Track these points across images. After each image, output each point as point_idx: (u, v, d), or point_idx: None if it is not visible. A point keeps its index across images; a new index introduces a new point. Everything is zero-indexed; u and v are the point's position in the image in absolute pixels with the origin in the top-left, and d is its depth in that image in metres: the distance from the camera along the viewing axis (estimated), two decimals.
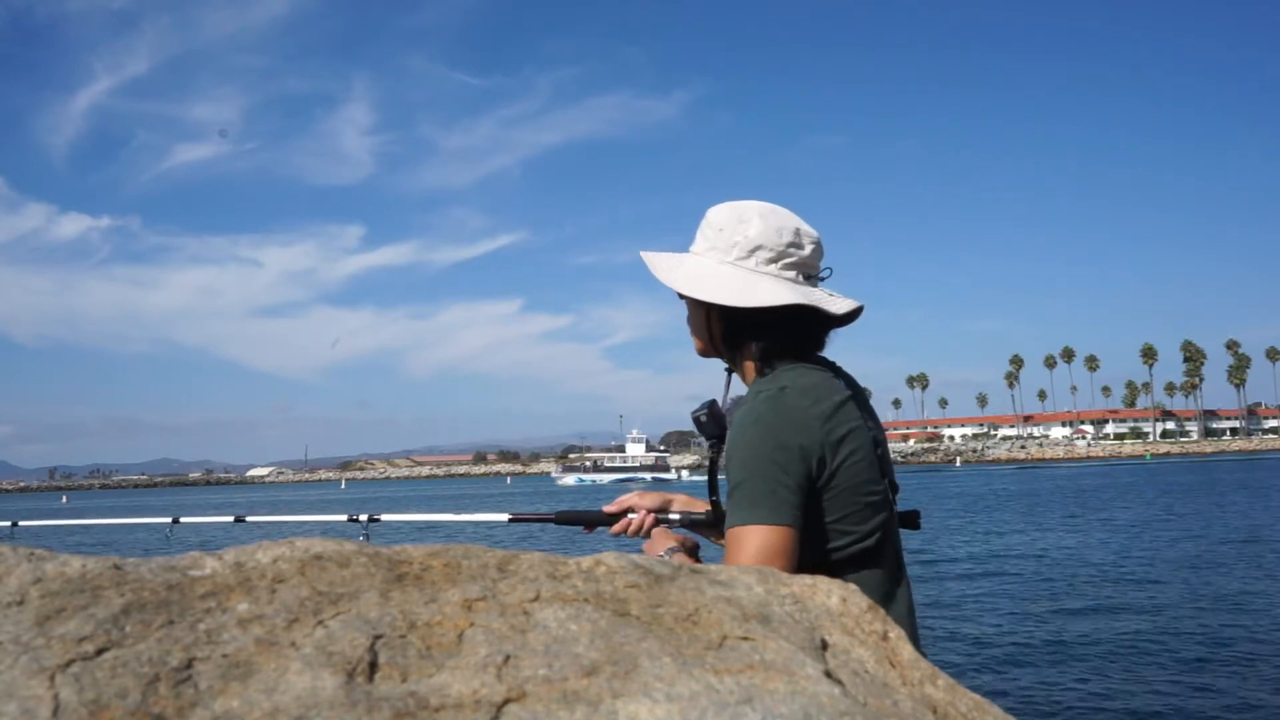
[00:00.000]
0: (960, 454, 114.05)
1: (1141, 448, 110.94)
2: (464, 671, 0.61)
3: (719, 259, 1.52)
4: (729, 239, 1.52)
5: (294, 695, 0.57)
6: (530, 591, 0.73)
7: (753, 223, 1.51)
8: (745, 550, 1.34)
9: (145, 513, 6.08)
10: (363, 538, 1.91)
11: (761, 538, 1.34)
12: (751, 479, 1.36)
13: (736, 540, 1.36)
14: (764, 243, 1.50)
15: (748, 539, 1.34)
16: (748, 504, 1.36)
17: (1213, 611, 10.49)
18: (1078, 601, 11.50)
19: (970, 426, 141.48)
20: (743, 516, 1.36)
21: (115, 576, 0.68)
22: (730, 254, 1.51)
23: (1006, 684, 7.66)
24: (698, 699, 0.60)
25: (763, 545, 1.34)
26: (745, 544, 1.34)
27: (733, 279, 1.50)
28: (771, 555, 1.34)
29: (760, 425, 1.38)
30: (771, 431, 1.38)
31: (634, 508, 1.73)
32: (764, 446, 1.37)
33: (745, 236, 1.51)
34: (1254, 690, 7.31)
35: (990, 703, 0.77)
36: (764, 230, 1.51)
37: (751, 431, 1.39)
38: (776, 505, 1.35)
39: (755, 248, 1.50)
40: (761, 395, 1.42)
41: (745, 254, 1.51)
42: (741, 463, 1.38)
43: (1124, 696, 7.27)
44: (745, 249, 1.51)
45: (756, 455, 1.37)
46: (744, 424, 1.40)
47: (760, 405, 1.41)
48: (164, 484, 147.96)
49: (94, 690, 0.56)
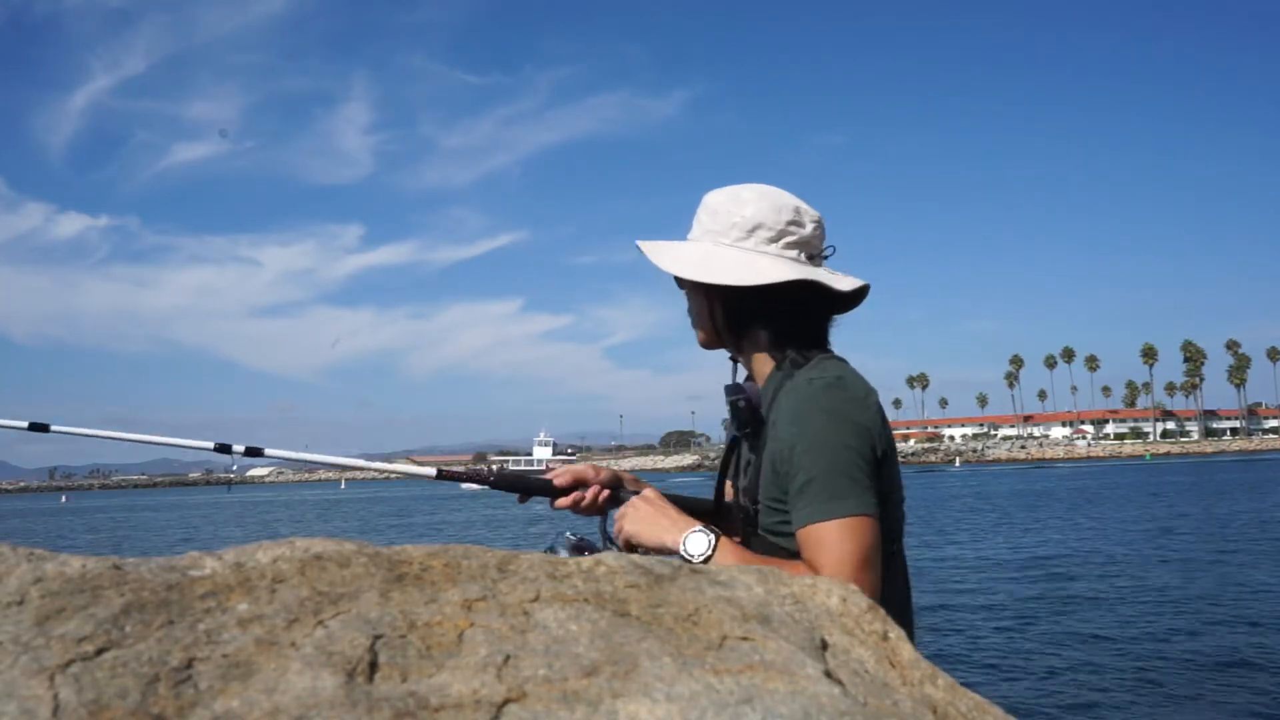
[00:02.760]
0: (960, 454, 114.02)
1: (1141, 448, 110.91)
2: (464, 671, 0.61)
3: (716, 241, 1.47)
4: (726, 220, 1.46)
5: (294, 695, 0.57)
6: (530, 591, 0.73)
7: (749, 202, 1.46)
8: (843, 545, 1.27)
9: (143, 511, 6.07)
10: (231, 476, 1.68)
11: (860, 528, 1.28)
12: (831, 470, 1.29)
13: (824, 536, 1.28)
14: (762, 221, 1.44)
15: (843, 532, 1.27)
16: (832, 496, 1.28)
17: (1213, 611, 10.49)
18: (1077, 601, 11.50)
19: (970, 426, 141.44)
20: (831, 509, 1.28)
21: (115, 576, 0.68)
22: (729, 235, 1.46)
23: (1006, 684, 7.66)
24: (698, 699, 0.60)
25: (861, 536, 1.27)
26: (842, 537, 1.27)
27: (732, 259, 1.44)
28: (868, 545, 1.28)
29: (831, 415, 1.32)
30: (844, 420, 1.32)
31: (585, 480, 1.56)
32: (840, 436, 1.30)
33: (743, 216, 1.45)
34: (1254, 690, 7.30)
35: (990, 703, 0.77)
36: (761, 209, 1.45)
37: (822, 421, 1.32)
38: (862, 494, 1.29)
39: (754, 227, 1.45)
40: (818, 383, 1.35)
41: (744, 234, 1.45)
42: (815, 454, 1.30)
43: (1124, 696, 7.27)
44: (744, 229, 1.45)
45: (832, 445, 1.30)
46: (808, 413, 1.33)
47: (824, 394, 1.34)
48: (164, 484, 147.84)
49: (94, 690, 0.56)
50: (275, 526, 35.55)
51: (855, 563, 1.27)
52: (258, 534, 28.45)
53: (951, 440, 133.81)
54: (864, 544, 1.28)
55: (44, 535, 34.79)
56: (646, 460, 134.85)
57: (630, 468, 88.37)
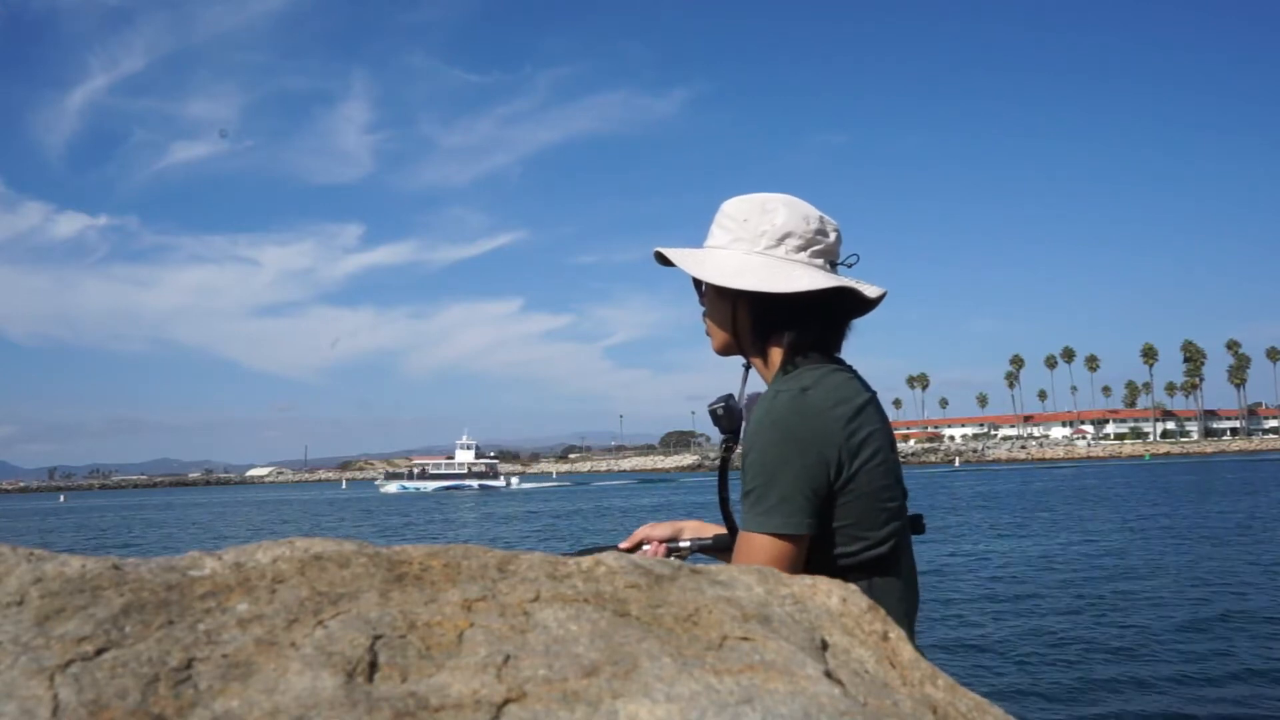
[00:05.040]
0: (960, 454, 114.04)
1: (1141, 448, 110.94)
2: (464, 671, 0.61)
3: (746, 249, 1.47)
4: (755, 228, 1.47)
5: (294, 695, 0.57)
6: (530, 592, 0.73)
7: (779, 211, 1.47)
8: (754, 557, 1.33)
9: (146, 510, 6.07)
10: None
11: (772, 546, 1.33)
12: (767, 484, 1.33)
13: (748, 544, 1.34)
14: (792, 230, 1.46)
15: (758, 546, 1.33)
16: (762, 509, 1.33)
17: (1213, 610, 10.49)
18: (1077, 601, 11.50)
19: (970, 426, 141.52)
20: (756, 522, 1.34)
21: (115, 576, 0.68)
22: (758, 243, 1.47)
23: (1006, 684, 7.66)
24: (698, 699, 0.60)
25: (772, 553, 1.32)
26: (755, 550, 1.33)
27: (765, 267, 1.45)
28: (784, 562, 1.32)
29: (778, 428, 1.35)
30: (790, 435, 1.34)
31: (646, 539, 1.66)
32: (781, 450, 1.33)
33: (773, 225, 1.47)
34: (1254, 690, 7.30)
35: (990, 703, 0.77)
36: (791, 218, 1.47)
37: (769, 434, 1.35)
38: (790, 513, 1.32)
39: (784, 235, 1.46)
40: (781, 396, 1.38)
41: (774, 242, 1.46)
42: (758, 466, 1.35)
43: (1124, 696, 7.27)
44: (774, 237, 1.46)
45: (772, 459, 1.33)
46: (761, 425, 1.36)
47: (779, 407, 1.37)
48: (164, 484, 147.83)
49: (94, 690, 0.56)
50: (274, 527, 35.61)
51: None
52: (258, 534, 28.44)
53: (951, 440, 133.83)
54: (777, 561, 1.32)
55: (44, 535, 34.82)
56: (646, 460, 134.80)
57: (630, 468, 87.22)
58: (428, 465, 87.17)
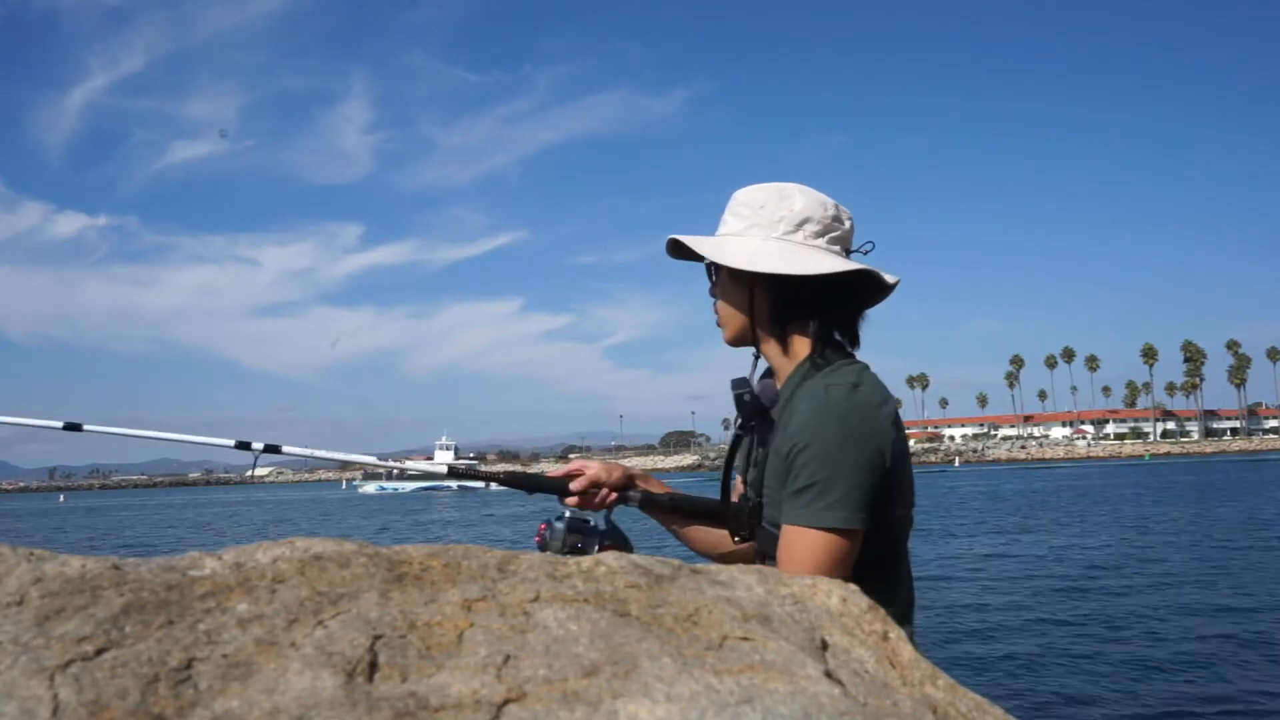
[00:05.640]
0: (960, 454, 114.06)
1: (1141, 448, 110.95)
2: (464, 672, 0.61)
3: (764, 235, 1.46)
4: (773, 214, 1.46)
5: (294, 695, 0.57)
6: (530, 592, 0.73)
7: (796, 197, 1.47)
8: (817, 552, 1.30)
9: (146, 510, 6.06)
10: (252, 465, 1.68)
11: (832, 542, 1.31)
12: (830, 479, 1.31)
13: (802, 539, 1.32)
14: (810, 215, 1.46)
15: (817, 541, 1.31)
16: (824, 504, 1.31)
17: (1213, 610, 10.49)
18: (1076, 601, 11.50)
19: (970, 426, 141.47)
20: (817, 517, 1.31)
21: (115, 576, 0.68)
22: (776, 229, 1.46)
23: (1006, 684, 7.66)
24: (698, 699, 0.60)
25: (832, 549, 1.31)
26: (813, 545, 1.31)
27: (786, 252, 1.44)
28: (842, 557, 1.31)
29: (841, 423, 1.33)
30: (853, 431, 1.33)
31: (597, 480, 1.57)
32: (845, 446, 1.32)
33: (791, 210, 1.46)
34: (1255, 690, 7.30)
35: (990, 703, 0.77)
36: (809, 204, 1.46)
37: (832, 429, 1.33)
38: (853, 508, 1.31)
39: (803, 221, 1.45)
40: (834, 390, 1.36)
41: (793, 227, 1.45)
42: (819, 460, 1.32)
43: (1124, 697, 7.27)
44: (792, 223, 1.45)
45: (836, 454, 1.32)
46: (820, 419, 1.34)
47: (838, 402, 1.35)
48: (164, 484, 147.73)
49: (94, 690, 0.56)
50: (276, 526, 35.62)
51: (818, 571, 1.28)
52: (258, 534, 28.41)
53: (951, 440, 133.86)
54: (836, 556, 1.31)
55: (42, 535, 34.82)
56: (646, 460, 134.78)
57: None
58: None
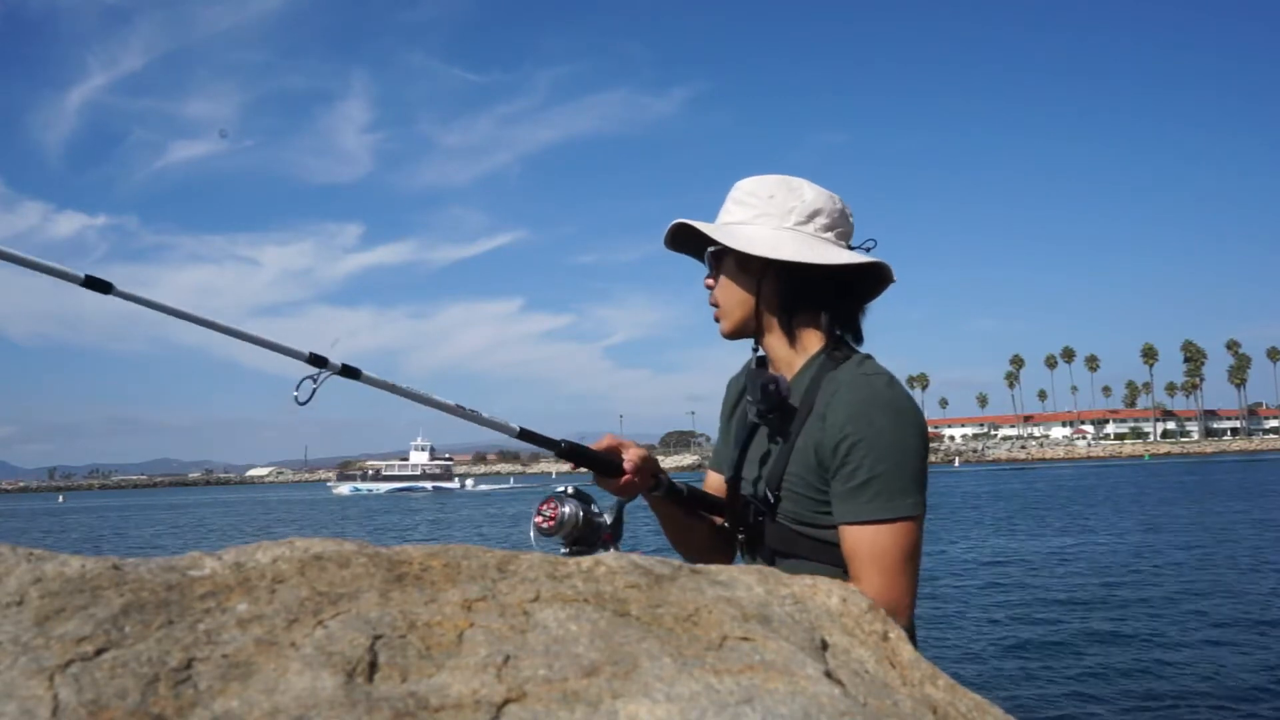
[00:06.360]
0: (960, 454, 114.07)
1: (1141, 448, 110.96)
2: (464, 672, 0.61)
3: (775, 225, 1.45)
4: (783, 205, 1.45)
5: (294, 695, 0.57)
6: (530, 592, 0.73)
7: (805, 189, 1.46)
8: (897, 544, 1.31)
9: (146, 510, 6.03)
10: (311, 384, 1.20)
11: (912, 530, 1.32)
12: (896, 468, 1.31)
13: (882, 534, 1.31)
14: (821, 208, 1.45)
15: (904, 531, 1.31)
16: (894, 492, 1.31)
17: (1214, 610, 10.49)
18: (1077, 601, 11.49)
19: (970, 426, 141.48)
20: (893, 507, 1.31)
21: (114, 576, 0.68)
22: (788, 219, 1.45)
23: (1007, 684, 7.66)
24: (698, 699, 0.60)
25: (913, 536, 1.32)
26: (896, 535, 1.31)
27: (798, 241, 1.43)
28: (917, 546, 1.33)
29: (895, 414, 1.34)
30: (910, 421, 1.34)
31: (646, 461, 1.46)
32: (906, 436, 1.33)
33: (802, 201, 1.45)
34: (1257, 690, 7.30)
35: (990, 703, 0.77)
36: (819, 196, 1.46)
37: (889, 418, 1.33)
38: (919, 495, 1.33)
39: (814, 212, 1.45)
40: (878, 379, 1.37)
41: (804, 218, 1.45)
42: (881, 450, 1.32)
43: (1125, 696, 7.27)
44: (804, 214, 1.45)
45: (898, 445, 1.32)
46: (872, 411, 1.33)
47: (883, 391, 1.35)
48: (164, 484, 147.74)
49: (93, 690, 0.56)
50: (275, 526, 35.61)
51: (905, 562, 1.32)
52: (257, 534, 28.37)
53: (952, 440, 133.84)
54: (915, 544, 1.33)
55: (41, 536, 34.81)
56: None
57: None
58: (381, 467, 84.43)
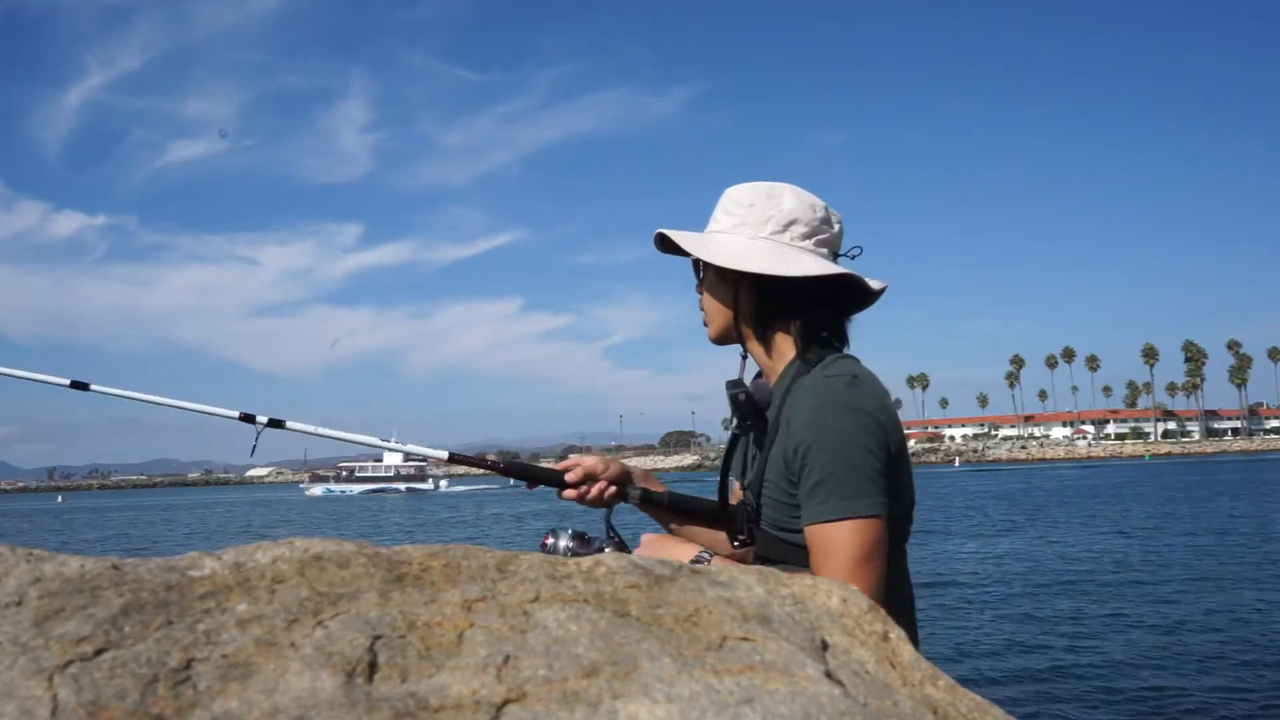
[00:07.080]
0: (961, 454, 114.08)
1: (1142, 448, 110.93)
2: (464, 672, 0.61)
3: (752, 234, 1.47)
4: (761, 214, 1.47)
5: (294, 695, 0.57)
6: (530, 592, 0.73)
7: (785, 197, 1.47)
8: (850, 545, 1.29)
9: (147, 510, 6.07)
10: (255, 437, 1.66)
11: (864, 530, 1.30)
12: (847, 470, 1.31)
13: (833, 534, 1.30)
14: (799, 217, 1.46)
15: (848, 532, 1.29)
16: (845, 495, 1.30)
17: (1212, 611, 10.48)
18: (1077, 601, 11.49)
19: (971, 426, 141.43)
20: (845, 507, 1.30)
21: (114, 577, 0.68)
22: (764, 229, 1.46)
23: (1007, 685, 7.66)
24: (698, 699, 0.60)
25: (864, 537, 1.30)
26: (845, 537, 1.29)
27: (771, 252, 1.44)
28: (875, 547, 1.30)
29: (849, 413, 1.33)
30: (860, 421, 1.33)
31: (594, 474, 1.55)
32: (856, 435, 1.32)
33: (780, 210, 1.47)
34: (1257, 690, 7.30)
35: (991, 703, 0.77)
36: (798, 205, 1.47)
37: (839, 419, 1.33)
38: (875, 495, 1.31)
39: (790, 222, 1.46)
40: (836, 381, 1.36)
41: (780, 228, 1.46)
42: (830, 452, 1.31)
43: (1126, 696, 7.27)
44: (780, 223, 1.46)
45: (849, 445, 1.31)
46: (825, 411, 1.34)
47: (841, 393, 1.35)
48: (163, 484, 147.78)
49: (93, 691, 0.56)
50: (276, 526, 35.59)
51: (859, 562, 1.29)
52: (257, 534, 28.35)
53: (952, 440, 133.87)
54: (871, 544, 1.30)
55: (40, 535, 34.81)
56: (646, 460, 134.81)
57: None
58: (355, 468, 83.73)
